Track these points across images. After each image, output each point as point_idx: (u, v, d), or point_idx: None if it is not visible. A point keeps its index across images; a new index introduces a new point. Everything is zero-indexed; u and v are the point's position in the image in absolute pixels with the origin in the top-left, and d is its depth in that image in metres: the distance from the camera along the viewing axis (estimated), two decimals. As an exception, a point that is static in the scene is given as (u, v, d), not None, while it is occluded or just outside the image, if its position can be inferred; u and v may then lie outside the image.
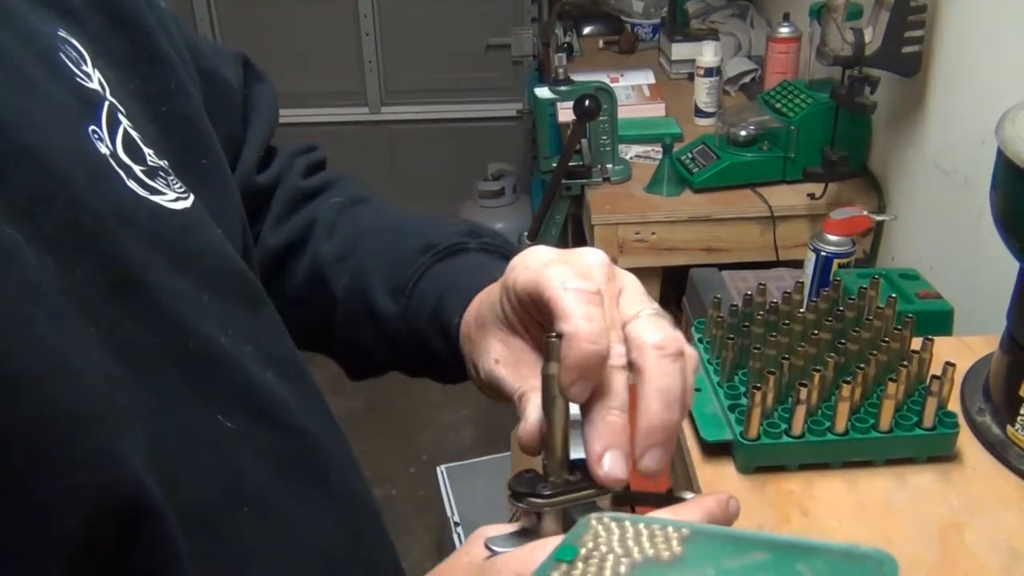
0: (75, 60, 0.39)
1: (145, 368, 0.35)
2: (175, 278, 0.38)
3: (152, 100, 0.44)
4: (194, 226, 0.41)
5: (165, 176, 0.41)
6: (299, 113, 2.99)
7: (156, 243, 0.38)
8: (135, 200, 0.38)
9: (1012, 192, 0.72)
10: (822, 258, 1.33)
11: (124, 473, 0.31)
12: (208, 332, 0.39)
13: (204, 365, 0.38)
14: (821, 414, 0.76)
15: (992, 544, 0.68)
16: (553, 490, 0.40)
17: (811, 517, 0.72)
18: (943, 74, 1.33)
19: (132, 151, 0.39)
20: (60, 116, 0.36)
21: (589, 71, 1.93)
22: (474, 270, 0.52)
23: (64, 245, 0.33)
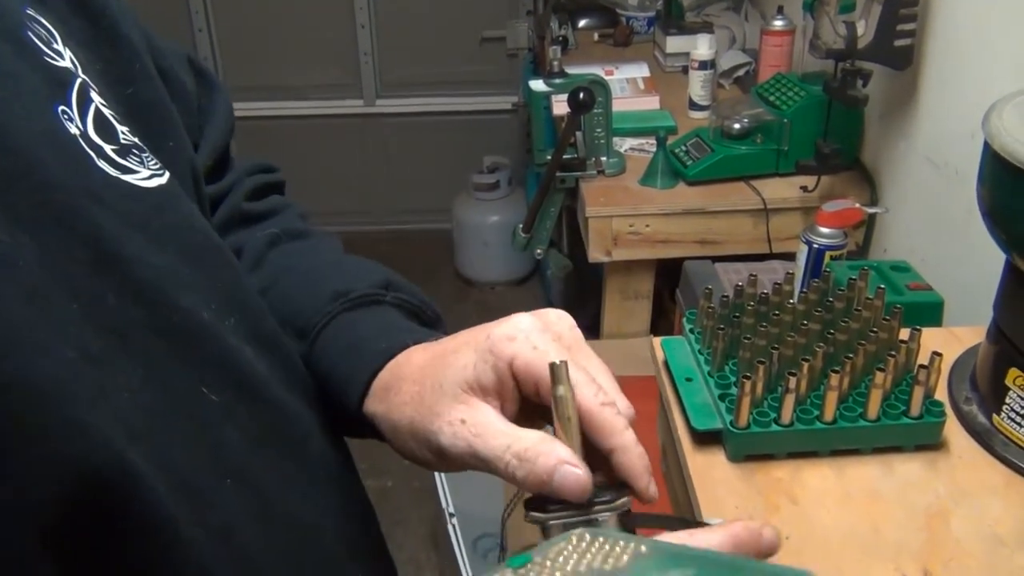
0: (44, 39, 0.39)
1: (130, 341, 0.36)
2: (154, 253, 0.38)
3: (118, 82, 0.44)
4: (170, 202, 0.41)
5: (139, 153, 0.41)
6: (294, 106, 2.99)
7: (131, 220, 0.38)
8: (104, 180, 0.38)
9: (998, 184, 0.73)
10: (814, 250, 1.34)
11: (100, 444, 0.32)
12: (190, 306, 0.39)
13: (188, 338, 0.39)
14: (810, 403, 0.76)
15: (976, 530, 0.69)
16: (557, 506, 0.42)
17: (799, 505, 0.73)
18: (934, 68, 1.34)
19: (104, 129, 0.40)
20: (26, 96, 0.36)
21: (584, 64, 1.93)
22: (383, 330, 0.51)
23: (39, 223, 0.33)
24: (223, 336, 0.41)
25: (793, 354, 0.77)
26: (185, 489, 0.35)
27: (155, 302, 0.37)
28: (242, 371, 0.41)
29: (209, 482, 0.38)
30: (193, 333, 0.39)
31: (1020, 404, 0.75)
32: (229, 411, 0.40)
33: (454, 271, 3.03)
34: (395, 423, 0.46)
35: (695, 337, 0.86)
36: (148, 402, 0.35)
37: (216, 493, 0.38)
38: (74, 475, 0.31)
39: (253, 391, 0.42)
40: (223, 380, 0.40)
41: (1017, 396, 0.75)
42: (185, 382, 0.38)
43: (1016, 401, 0.76)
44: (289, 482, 0.43)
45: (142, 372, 0.36)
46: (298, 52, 2.92)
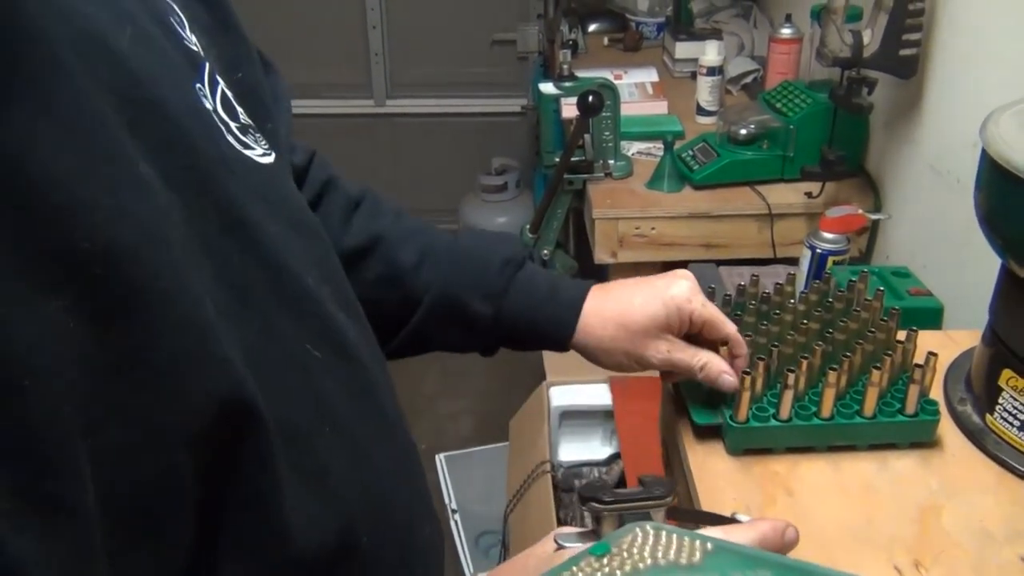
0: (179, 23, 0.43)
1: (249, 297, 0.39)
2: (272, 222, 0.42)
3: (230, 67, 0.48)
4: (278, 178, 0.46)
5: (254, 133, 0.45)
6: (304, 104, 3.01)
7: (254, 191, 0.42)
8: (233, 152, 0.42)
9: (993, 190, 0.75)
10: (817, 255, 1.37)
11: (241, 383, 0.36)
12: (298, 271, 0.43)
13: (297, 299, 0.43)
14: (808, 400, 0.79)
15: (967, 526, 0.71)
16: (613, 498, 0.47)
17: (795, 498, 0.75)
18: (939, 77, 1.36)
19: (228, 108, 0.44)
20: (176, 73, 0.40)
21: (593, 68, 1.96)
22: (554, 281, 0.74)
23: (185, 185, 0.37)
24: (323, 300, 0.46)
25: (793, 352, 0.79)
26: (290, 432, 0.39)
27: (272, 265, 0.42)
28: (338, 333, 0.46)
29: (311, 428, 0.42)
30: (301, 296, 0.44)
31: (1012, 404, 0.77)
32: (329, 367, 0.44)
33: (460, 271, 3.05)
34: (608, 350, 0.72)
35: (698, 335, 0.88)
36: (263, 352, 0.39)
37: (317, 438, 0.42)
38: (222, 406, 0.35)
39: (346, 353, 0.46)
40: (324, 339, 0.44)
41: (1010, 396, 0.77)
42: (294, 337, 0.42)
43: (1009, 401, 0.78)
44: (375, 435, 0.47)
45: (259, 325, 0.39)
46: (309, 52, 2.95)
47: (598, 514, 0.46)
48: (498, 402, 2.17)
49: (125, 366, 0.31)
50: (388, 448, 0.49)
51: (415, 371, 2.55)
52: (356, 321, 0.49)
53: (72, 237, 0.29)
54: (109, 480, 0.30)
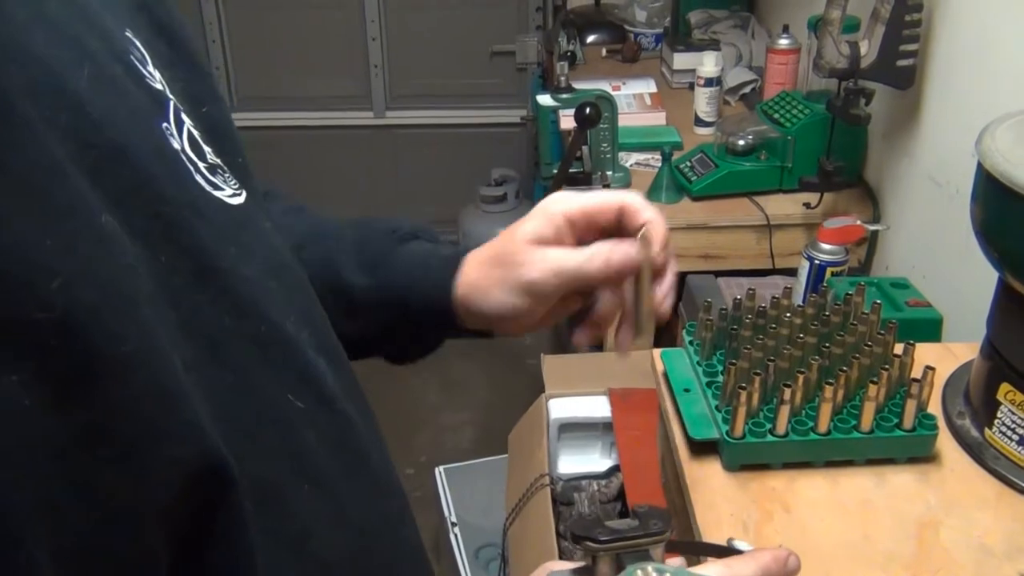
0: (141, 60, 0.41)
1: (222, 349, 0.37)
2: (245, 267, 0.40)
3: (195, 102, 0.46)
4: (250, 219, 0.44)
5: (223, 173, 0.43)
6: (304, 116, 3.02)
7: (225, 234, 0.40)
8: (203, 195, 0.40)
9: (989, 203, 0.74)
10: (816, 266, 1.36)
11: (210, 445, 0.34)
12: (276, 318, 0.41)
13: (275, 348, 0.41)
14: (805, 414, 0.78)
15: (966, 541, 0.71)
16: (609, 536, 0.44)
17: (793, 514, 0.74)
18: (936, 88, 1.36)
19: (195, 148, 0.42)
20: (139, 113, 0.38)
21: (592, 79, 1.96)
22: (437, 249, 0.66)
23: (151, 234, 0.35)
24: (303, 348, 0.43)
25: (789, 366, 0.79)
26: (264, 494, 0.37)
27: (246, 314, 0.39)
28: (320, 381, 0.44)
29: (290, 488, 0.39)
30: (280, 343, 0.41)
31: (1011, 418, 0.77)
32: (312, 418, 0.42)
33: (460, 282, 3.05)
34: (485, 287, 0.62)
35: (694, 349, 0.88)
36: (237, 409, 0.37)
37: (296, 499, 0.40)
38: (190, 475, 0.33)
39: (330, 402, 0.44)
40: (305, 389, 0.42)
41: (1008, 411, 0.77)
42: (272, 389, 0.40)
43: (1007, 415, 0.77)
44: (358, 489, 0.45)
45: (231, 378, 0.37)
46: (309, 64, 2.95)
47: (594, 553, 0.44)
48: (498, 414, 2.16)
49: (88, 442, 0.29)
50: (373, 502, 0.46)
51: (415, 384, 2.55)
52: (338, 367, 0.47)
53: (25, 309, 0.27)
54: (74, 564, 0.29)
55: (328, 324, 0.49)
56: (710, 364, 0.85)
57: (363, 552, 0.44)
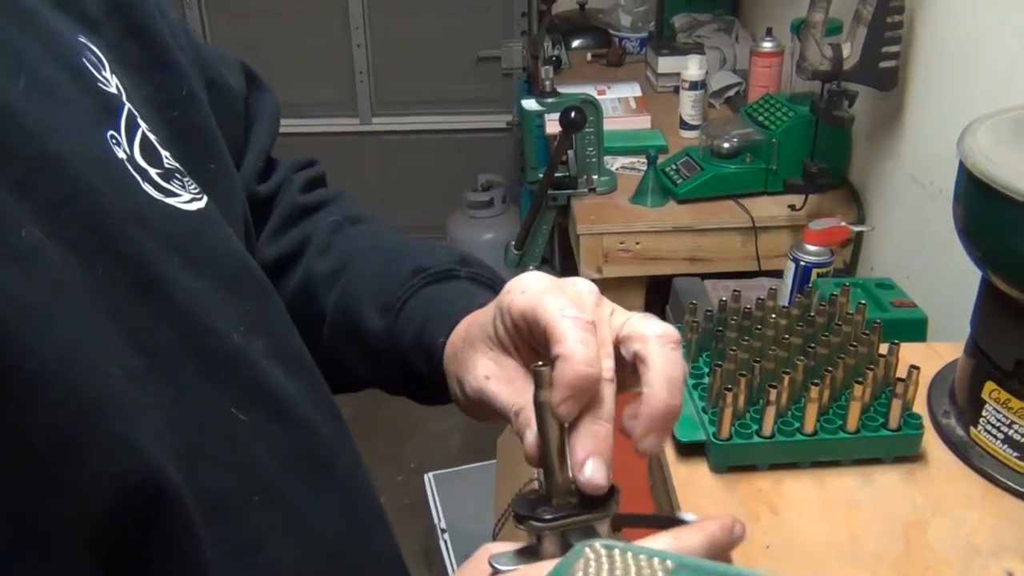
0: (95, 64, 0.41)
1: (164, 362, 0.37)
2: (190, 277, 0.40)
3: (164, 106, 0.45)
4: (208, 226, 0.43)
5: (181, 178, 0.43)
6: (290, 123, 3.01)
7: (171, 243, 0.39)
8: (150, 203, 0.39)
9: (971, 202, 0.75)
10: (801, 267, 1.36)
11: (144, 460, 0.33)
12: (223, 329, 0.41)
13: (219, 361, 0.40)
14: (791, 415, 0.78)
15: (952, 540, 0.71)
16: (553, 514, 0.42)
17: (780, 515, 0.74)
18: (919, 89, 1.37)
19: (149, 154, 0.41)
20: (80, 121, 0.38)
21: (577, 83, 1.96)
22: (462, 296, 0.55)
23: (86, 246, 0.35)
24: (254, 358, 0.42)
25: (775, 367, 0.79)
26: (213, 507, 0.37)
27: (189, 325, 0.39)
28: (271, 392, 0.43)
29: (238, 499, 0.39)
30: (224, 356, 0.40)
31: (996, 417, 0.77)
32: (259, 430, 0.41)
33: (448, 288, 3.05)
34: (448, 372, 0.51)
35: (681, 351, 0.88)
36: (180, 422, 0.36)
37: (244, 511, 0.39)
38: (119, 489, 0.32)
39: (282, 411, 0.43)
40: (252, 401, 0.41)
41: (993, 409, 0.77)
42: (215, 402, 0.39)
43: (992, 414, 0.77)
44: (318, 499, 0.44)
45: (173, 392, 0.37)
46: (294, 70, 2.94)
47: (538, 532, 0.42)
48: (487, 419, 2.15)
49: None
50: (336, 509, 0.45)
51: (403, 389, 2.55)
52: (299, 374, 0.46)
53: None
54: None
55: (292, 331, 0.48)
56: (696, 366, 0.85)
57: (329, 561, 0.43)
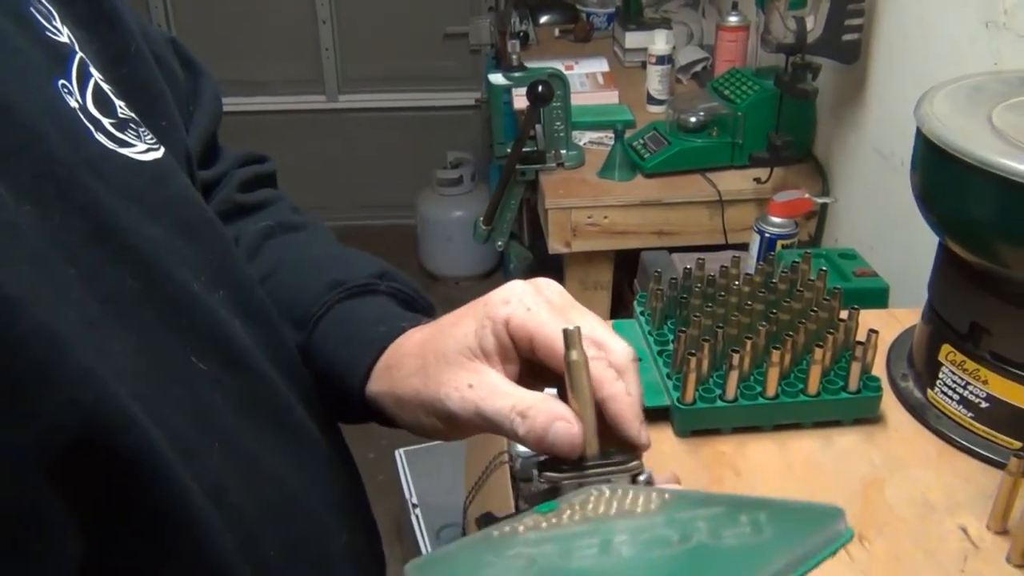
0: (45, 15, 0.41)
1: (124, 309, 0.37)
2: (149, 225, 0.40)
3: (113, 61, 0.45)
4: (165, 176, 0.43)
5: (136, 128, 0.42)
6: (256, 101, 2.98)
7: (127, 193, 0.39)
8: (102, 153, 0.39)
9: (928, 169, 0.76)
10: (766, 239, 1.38)
11: (111, 394, 0.33)
12: (183, 278, 0.41)
13: (180, 309, 0.40)
14: (753, 379, 0.79)
15: (909, 498, 0.72)
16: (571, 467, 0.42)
17: (743, 477, 0.75)
18: (882, 62, 1.38)
19: (103, 104, 0.41)
20: (29, 70, 0.37)
21: (545, 59, 1.96)
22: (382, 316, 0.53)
23: (41, 194, 0.35)
24: (213, 308, 0.42)
25: (737, 333, 0.80)
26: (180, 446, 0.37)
27: (148, 273, 0.39)
28: (229, 342, 0.43)
29: (200, 443, 0.39)
30: (184, 304, 0.40)
31: (952, 379, 0.79)
32: (216, 380, 0.41)
33: (418, 266, 3.04)
34: (400, 397, 0.48)
35: (645, 319, 0.89)
36: (141, 368, 0.37)
37: (206, 454, 0.39)
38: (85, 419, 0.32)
39: (239, 362, 0.43)
40: (211, 350, 0.41)
41: (949, 371, 0.79)
42: (175, 351, 0.39)
43: (948, 376, 0.79)
44: (274, 449, 0.44)
45: (135, 339, 0.37)
46: (259, 47, 2.91)
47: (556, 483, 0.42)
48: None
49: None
50: (292, 458, 0.45)
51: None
52: (258, 326, 0.46)
53: None
54: None
55: (252, 284, 0.48)
56: (661, 333, 0.86)
57: (282, 506, 0.44)
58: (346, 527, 0.49)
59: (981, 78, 0.82)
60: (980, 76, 0.83)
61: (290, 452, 0.46)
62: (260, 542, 0.41)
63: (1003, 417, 0.75)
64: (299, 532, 0.45)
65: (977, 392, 0.76)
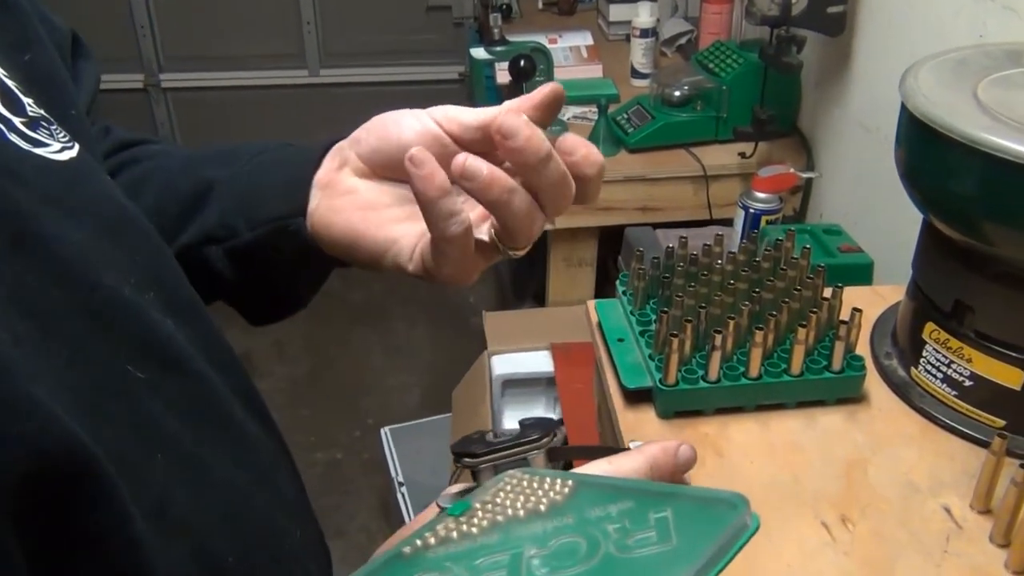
0: None
1: (52, 323, 0.35)
2: (72, 229, 0.37)
3: (14, 49, 0.42)
4: (83, 176, 0.40)
5: (48, 126, 0.40)
6: (236, 76, 2.93)
7: (46, 195, 0.37)
8: (18, 154, 0.37)
9: (913, 144, 0.75)
10: (751, 215, 1.37)
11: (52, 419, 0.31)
12: (111, 282, 0.38)
13: (111, 316, 0.38)
14: (736, 360, 0.78)
15: (892, 478, 0.72)
16: (486, 449, 0.43)
17: (725, 457, 0.75)
18: (867, 34, 1.37)
19: (10, 101, 0.38)
20: None
21: (528, 32, 1.93)
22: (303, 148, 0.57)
23: None
24: (145, 311, 0.40)
25: (720, 313, 0.79)
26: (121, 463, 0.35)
27: (75, 281, 0.37)
28: (164, 345, 0.41)
29: (140, 458, 0.37)
30: (115, 311, 0.38)
31: (936, 357, 0.78)
32: (155, 386, 0.40)
33: (403, 243, 3.02)
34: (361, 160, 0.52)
35: (628, 299, 0.88)
36: (75, 383, 0.35)
37: (148, 469, 0.38)
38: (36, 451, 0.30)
39: (176, 365, 0.42)
40: (147, 356, 0.40)
41: (933, 349, 0.78)
42: (109, 361, 0.38)
43: (932, 354, 0.78)
44: (220, 451, 0.43)
45: (67, 353, 0.35)
46: (239, 21, 2.86)
47: (473, 468, 0.43)
48: (443, 374, 2.15)
49: None
50: (237, 458, 0.44)
51: (359, 348, 2.53)
52: (190, 324, 0.44)
53: None
54: None
55: (181, 280, 0.46)
56: (643, 313, 0.85)
57: (232, 508, 0.43)
58: (297, 523, 0.49)
59: (966, 51, 0.81)
60: (965, 49, 0.81)
61: (235, 454, 0.44)
62: (214, 550, 0.40)
63: (986, 396, 0.74)
64: (253, 535, 0.44)
65: (961, 370, 0.76)
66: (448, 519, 0.38)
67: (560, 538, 0.35)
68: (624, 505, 0.36)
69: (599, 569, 0.33)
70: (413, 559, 0.36)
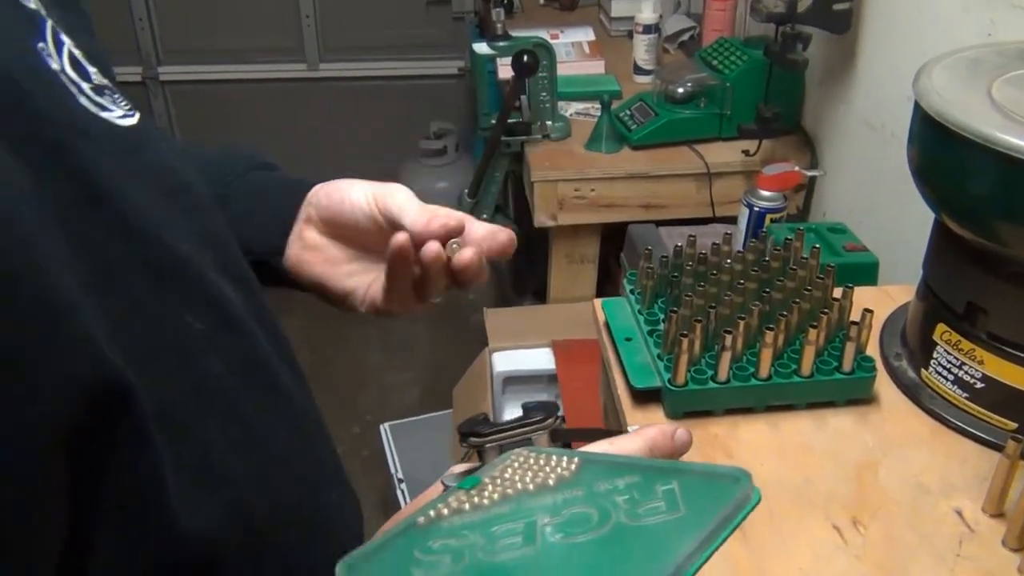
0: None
1: (115, 275, 0.36)
2: (136, 190, 0.39)
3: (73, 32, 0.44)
4: (144, 141, 0.42)
5: (112, 93, 0.42)
6: (235, 69, 2.92)
7: (114, 157, 0.39)
8: (87, 116, 0.38)
9: (926, 143, 0.74)
10: (755, 213, 1.36)
11: (107, 363, 0.33)
12: (171, 241, 0.40)
13: (171, 272, 0.40)
14: (746, 360, 0.78)
15: (903, 480, 0.71)
16: (491, 429, 0.45)
17: (735, 459, 0.74)
18: (873, 32, 1.36)
19: (78, 68, 0.40)
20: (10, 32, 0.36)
21: (530, 28, 1.92)
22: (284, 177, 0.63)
23: (34, 156, 0.34)
24: (203, 270, 0.43)
25: (730, 313, 0.78)
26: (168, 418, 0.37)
27: (139, 237, 0.38)
28: (222, 303, 0.43)
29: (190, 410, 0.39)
30: (176, 267, 0.41)
31: (947, 358, 0.77)
32: (212, 339, 0.41)
33: (402, 238, 3.01)
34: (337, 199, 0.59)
35: (635, 298, 0.87)
36: (135, 335, 0.36)
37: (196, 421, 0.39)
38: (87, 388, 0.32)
39: (231, 321, 0.44)
40: (205, 308, 0.42)
41: (944, 351, 0.78)
42: (169, 313, 0.39)
43: (943, 355, 0.78)
44: (266, 411, 0.45)
45: (127, 305, 0.36)
46: (238, 14, 2.84)
47: (479, 447, 0.45)
48: (444, 371, 2.14)
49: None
50: (281, 419, 0.46)
51: (358, 345, 2.52)
52: (243, 289, 0.47)
53: None
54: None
55: (235, 246, 0.49)
56: (651, 312, 0.85)
57: (272, 468, 0.44)
58: (333, 486, 0.50)
59: (980, 50, 0.80)
60: (979, 48, 0.81)
61: (280, 415, 0.46)
62: (248, 508, 0.41)
63: (999, 398, 0.74)
64: (289, 496, 0.45)
65: (972, 372, 0.75)
66: (459, 492, 0.39)
67: (571, 508, 0.36)
68: (631, 479, 0.37)
69: (612, 535, 0.34)
70: (430, 528, 0.37)
